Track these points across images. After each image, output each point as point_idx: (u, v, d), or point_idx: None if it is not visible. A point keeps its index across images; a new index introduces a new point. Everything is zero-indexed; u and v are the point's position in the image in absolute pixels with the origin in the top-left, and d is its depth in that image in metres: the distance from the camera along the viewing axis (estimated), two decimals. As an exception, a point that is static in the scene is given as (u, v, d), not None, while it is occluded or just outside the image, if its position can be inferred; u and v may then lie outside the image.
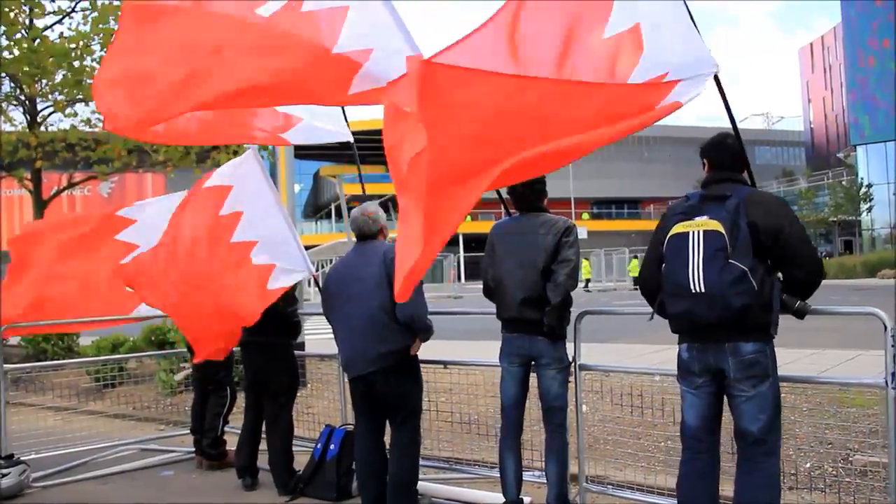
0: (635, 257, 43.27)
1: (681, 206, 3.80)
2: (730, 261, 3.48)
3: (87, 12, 12.51)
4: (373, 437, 5.08)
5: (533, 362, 4.74)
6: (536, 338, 4.63)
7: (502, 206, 5.01)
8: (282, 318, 5.85)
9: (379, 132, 3.27)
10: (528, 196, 4.83)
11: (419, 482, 5.10)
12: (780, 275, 3.70)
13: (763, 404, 3.60)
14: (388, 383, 4.83)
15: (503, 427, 4.87)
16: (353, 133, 6.04)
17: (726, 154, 3.91)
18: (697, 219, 3.63)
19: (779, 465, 3.71)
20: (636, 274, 40.97)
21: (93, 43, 12.24)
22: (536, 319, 4.58)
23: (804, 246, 3.65)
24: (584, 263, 42.36)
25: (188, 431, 7.13)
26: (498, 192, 5.07)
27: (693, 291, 3.54)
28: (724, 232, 3.51)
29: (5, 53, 11.46)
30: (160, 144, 12.95)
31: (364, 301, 4.82)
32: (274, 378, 5.92)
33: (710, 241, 3.54)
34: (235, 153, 13.33)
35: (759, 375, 3.60)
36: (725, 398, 3.77)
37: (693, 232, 3.60)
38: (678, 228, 3.68)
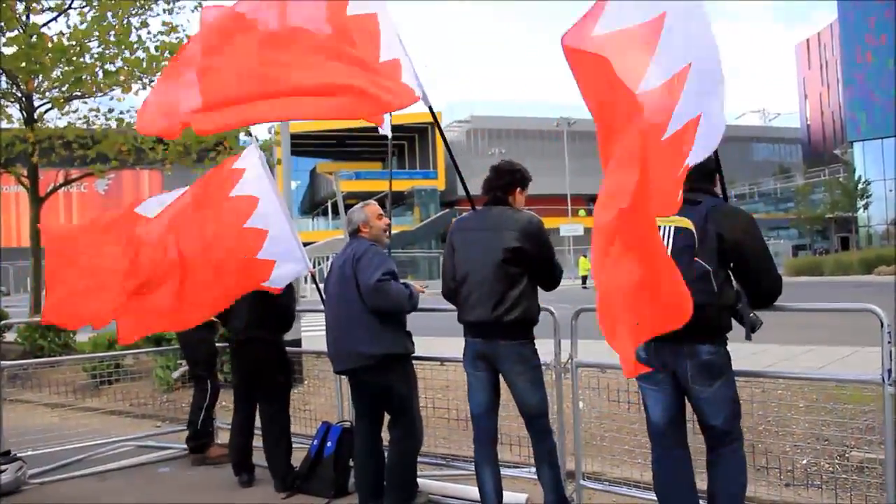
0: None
1: None
2: (695, 259, 3.53)
3: (85, 8, 12.49)
4: (370, 432, 5.12)
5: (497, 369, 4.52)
6: (498, 342, 4.42)
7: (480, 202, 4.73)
8: (279, 311, 5.86)
9: (374, 129, 3.24)
10: (495, 188, 4.57)
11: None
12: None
13: (722, 401, 3.67)
14: (374, 378, 4.88)
15: (476, 437, 4.67)
16: (350, 130, 6.03)
17: (695, 170, 3.92)
18: (671, 217, 3.64)
19: (743, 448, 3.79)
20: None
21: (91, 40, 12.22)
22: (495, 322, 4.37)
23: (764, 262, 3.69)
24: (582, 260, 42.38)
25: (185, 428, 7.14)
26: (464, 185, 4.86)
27: None
28: (693, 230, 3.57)
29: (4, 49, 11.43)
30: (158, 143, 12.96)
31: (344, 299, 4.89)
32: (270, 375, 5.94)
33: (680, 237, 3.59)
34: (231, 148, 13.35)
35: (715, 375, 3.65)
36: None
37: (664, 227, 3.63)
38: None
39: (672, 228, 3.62)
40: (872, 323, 3.88)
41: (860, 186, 54.07)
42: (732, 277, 3.69)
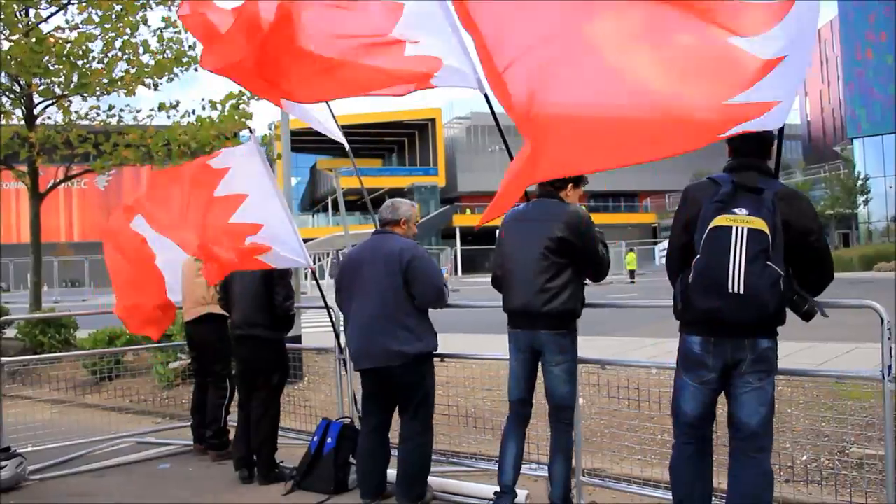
0: (632, 251, 43.32)
1: (714, 192, 3.59)
2: (768, 263, 3.38)
3: (86, 5, 12.44)
4: (380, 429, 5.11)
5: (541, 358, 4.62)
6: (539, 332, 4.52)
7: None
8: (277, 310, 5.86)
9: (373, 125, 3.27)
10: (546, 181, 4.66)
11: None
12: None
13: (764, 397, 3.57)
14: (408, 376, 4.88)
15: (510, 417, 4.76)
16: (349, 126, 6.04)
17: (752, 140, 3.72)
18: (738, 212, 3.46)
19: (770, 463, 3.68)
20: (633, 267, 41.15)
21: (94, 41, 12.17)
22: (539, 312, 4.47)
23: (827, 250, 3.61)
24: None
25: (185, 424, 7.13)
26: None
27: (730, 291, 3.41)
28: (768, 232, 3.39)
29: (6, 51, 11.37)
30: (161, 143, 12.97)
31: (379, 295, 4.84)
32: (266, 372, 5.95)
33: (754, 240, 3.40)
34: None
35: (767, 370, 3.58)
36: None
37: (737, 228, 3.43)
38: (720, 221, 3.48)
39: (745, 230, 3.42)
40: (872, 319, 3.88)
41: (860, 183, 54.07)
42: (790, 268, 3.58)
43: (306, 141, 63.26)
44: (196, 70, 13.24)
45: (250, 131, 13.08)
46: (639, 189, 72.41)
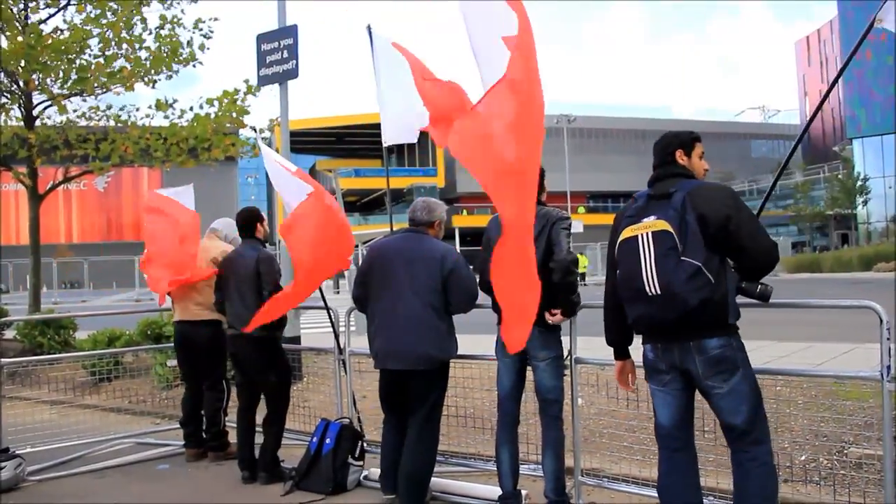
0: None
1: (629, 209, 3.76)
2: (682, 258, 3.41)
3: (84, 4, 12.45)
4: (401, 428, 5.09)
5: (526, 355, 4.71)
6: None
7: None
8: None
9: (374, 126, 3.31)
10: None
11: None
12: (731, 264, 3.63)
13: (740, 397, 3.55)
14: (430, 380, 4.90)
15: (499, 419, 4.87)
16: (349, 127, 6.06)
17: (664, 151, 3.88)
18: (645, 220, 3.58)
19: (771, 453, 3.68)
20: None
21: (91, 38, 12.17)
22: None
23: (754, 231, 3.56)
24: (580, 258, 42.48)
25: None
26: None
27: (649, 294, 3.49)
28: (672, 230, 3.46)
29: (4, 48, 11.37)
30: (159, 143, 12.96)
31: (416, 296, 4.82)
32: (264, 371, 5.95)
33: (660, 241, 3.48)
34: (233, 145, 13.32)
35: (729, 370, 3.55)
36: (698, 393, 3.72)
37: (641, 235, 3.55)
38: (626, 233, 3.65)
39: (649, 234, 3.53)
40: (871, 320, 3.89)
41: (859, 183, 54.16)
42: (728, 259, 3.59)
43: (305, 142, 63.37)
44: (194, 66, 13.21)
45: (255, 130, 13.09)
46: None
